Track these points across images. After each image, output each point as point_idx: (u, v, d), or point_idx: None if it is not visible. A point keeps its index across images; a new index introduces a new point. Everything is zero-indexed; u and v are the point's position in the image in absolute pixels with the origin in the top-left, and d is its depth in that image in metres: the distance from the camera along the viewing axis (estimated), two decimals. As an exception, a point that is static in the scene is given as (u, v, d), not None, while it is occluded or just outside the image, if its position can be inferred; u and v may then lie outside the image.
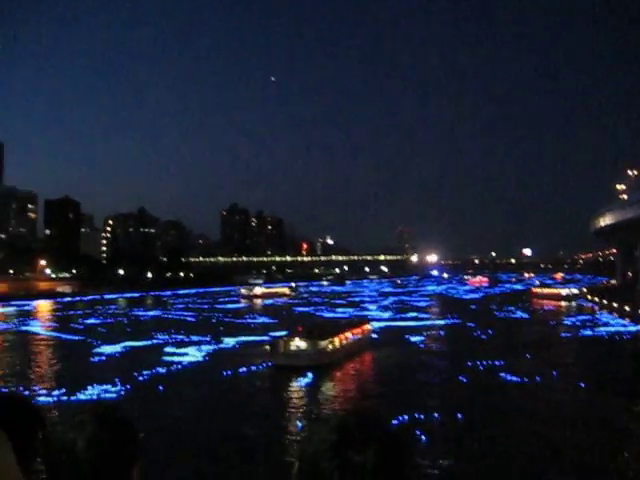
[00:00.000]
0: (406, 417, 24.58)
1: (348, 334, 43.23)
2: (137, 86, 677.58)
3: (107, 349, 45.36)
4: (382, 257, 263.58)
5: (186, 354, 43.08)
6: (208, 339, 50.51)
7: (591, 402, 27.60)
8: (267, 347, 40.66)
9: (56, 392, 29.79)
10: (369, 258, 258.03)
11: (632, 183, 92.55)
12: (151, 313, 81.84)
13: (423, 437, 22.29)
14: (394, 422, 24.10)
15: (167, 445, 20.31)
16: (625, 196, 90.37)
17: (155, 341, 50.06)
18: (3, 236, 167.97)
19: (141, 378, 33.82)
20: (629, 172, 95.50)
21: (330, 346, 39.51)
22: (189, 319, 72.12)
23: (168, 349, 45.45)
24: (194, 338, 51.32)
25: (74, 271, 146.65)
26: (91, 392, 29.81)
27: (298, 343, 38.62)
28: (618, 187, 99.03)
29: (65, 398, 28.32)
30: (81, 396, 28.71)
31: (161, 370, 36.69)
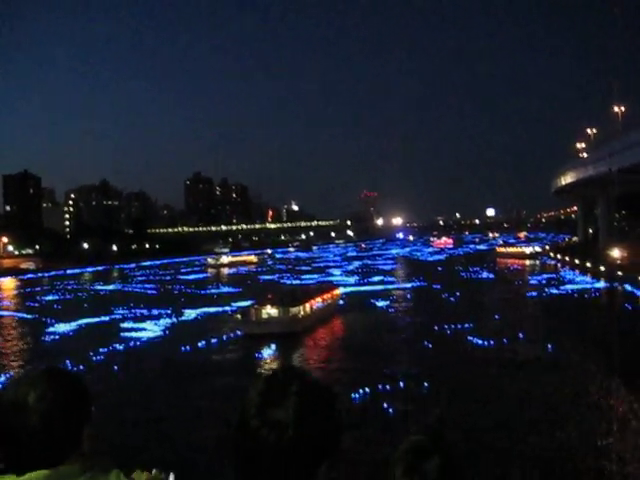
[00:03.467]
0: (375, 387, 23.72)
1: (318, 300, 43.23)
2: (97, 56, 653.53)
3: (61, 327, 43.29)
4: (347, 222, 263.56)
5: (144, 329, 41.52)
6: (169, 312, 48.95)
7: (557, 364, 27.12)
8: (238, 316, 40.14)
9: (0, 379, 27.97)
10: (332, 223, 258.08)
11: (591, 142, 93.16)
12: (111, 287, 79.43)
13: (387, 406, 21.56)
14: (360, 391, 23.41)
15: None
16: (585, 154, 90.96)
17: (113, 316, 48.11)
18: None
19: (95, 358, 32.17)
20: (588, 131, 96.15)
21: (302, 313, 39.54)
22: (150, 292, 70.21)
23: (126, 324, 43.74)
24: (154, 312, 49.69)
25: (37, 247, 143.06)
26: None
27: (270, 311, 38.56)
28: (578, 146, 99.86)
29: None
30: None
31: (118, 347, 35.21)
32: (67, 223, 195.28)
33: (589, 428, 18.58)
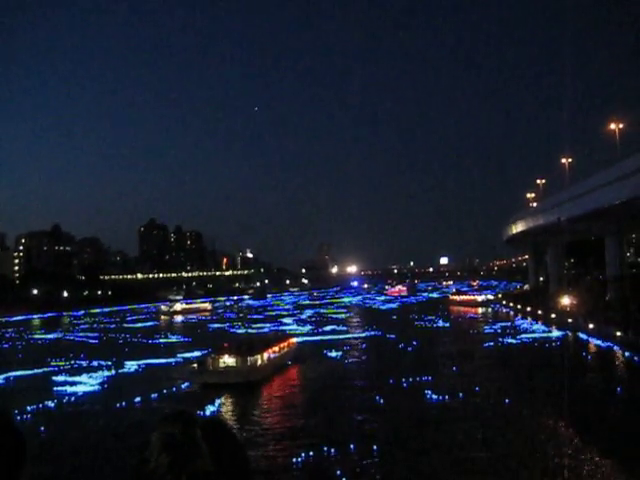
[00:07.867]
0: (322, 449, 21.92)
1: (275, 349, 42.56)
2: (48, 98, 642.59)
3: (-14, 382, 39.88)
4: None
5: (80, 383, 38.57)
6: (109, 364, 45.94)
7: (514, 422, 25.85)
8: (194, 365, 39.06)
9: None
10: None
11: (541, 192, 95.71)
12: (51, 336, 75.13)
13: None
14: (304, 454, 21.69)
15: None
16: (535, 204, 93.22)
17: (47, 369, 44.74)
18: None
19: (20, 417, 29.18)
20: (538, 181, 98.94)
21: (259, 362, 38.73)
22: (92, 341, 66.52)
23: (60, 378, 40.64)
24: (94, 363, 46.67)
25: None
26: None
27: (227, 360, 37.76)
28: (528, 196, 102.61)
29: None
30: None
31: (48, 404, 32.28)
32: (17, 268, 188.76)
33: None
